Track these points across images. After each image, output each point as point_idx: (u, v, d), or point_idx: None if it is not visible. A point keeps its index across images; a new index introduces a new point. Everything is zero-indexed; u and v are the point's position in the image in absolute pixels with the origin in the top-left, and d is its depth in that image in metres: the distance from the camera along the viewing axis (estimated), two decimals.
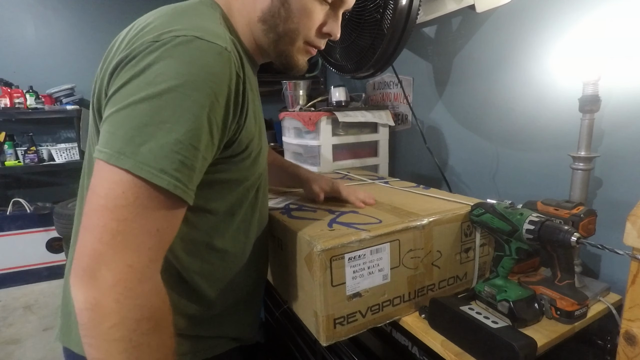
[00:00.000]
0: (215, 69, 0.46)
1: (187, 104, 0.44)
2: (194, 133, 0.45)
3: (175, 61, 0.45)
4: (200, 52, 0.46)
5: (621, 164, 0.88)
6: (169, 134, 0.43)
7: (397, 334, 0.80)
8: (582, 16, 0.92)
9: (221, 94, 0.47)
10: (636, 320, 0.49)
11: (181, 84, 0.44)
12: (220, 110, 0.48)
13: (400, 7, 0.94)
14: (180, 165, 0.44)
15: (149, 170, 0.42)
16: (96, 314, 0.41)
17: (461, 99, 1.27)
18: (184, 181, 0.45)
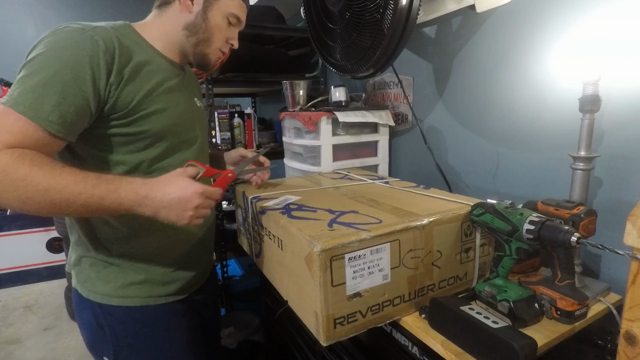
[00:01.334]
0: (74, 42, 0.65)
1: (46, 62, 0.63)
2: (47, 80, 0.62)
3: (48, 40, 0.65)
4: (65, 32, 0.66)
5: (621, 164, 0.88)
6: (30, 80, 0.62)
7: (397, 334, 0.80)
8: (583, 16, 0.92)
9: (81, 58, 0.64)
10: (636, 320, 0.49)
11: (45, 51, 0.64)
12: (81, 70, 0.64)
13: (400, 7, 0.94)
14: (32, 101, 0.61)
15: (12, 102, 0.61)
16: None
17: (461, 99, 1.27)
18: (35, 110, 0.61)
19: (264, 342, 1.65)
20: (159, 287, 0.82)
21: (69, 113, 0.64)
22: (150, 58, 0.77)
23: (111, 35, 0.69)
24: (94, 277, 0.79)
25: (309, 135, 1.42)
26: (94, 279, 0.79)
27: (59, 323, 2.32)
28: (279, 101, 2.07)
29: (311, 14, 1.30)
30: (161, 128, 0.77)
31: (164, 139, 0.78)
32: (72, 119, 0.64)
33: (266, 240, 0.91)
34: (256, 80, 1.84)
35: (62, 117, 0.63)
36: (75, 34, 0.66)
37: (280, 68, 1.89)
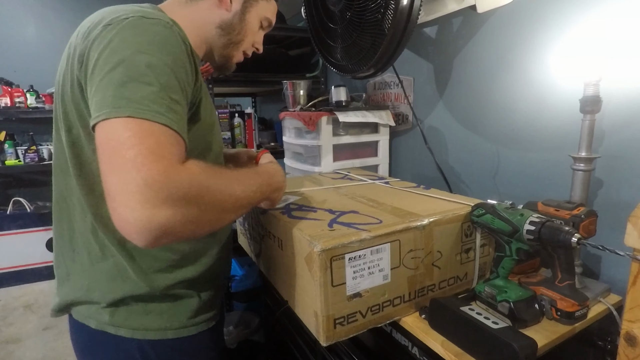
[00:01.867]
0: (166, 36, 0.55)
1: (155, 61, 0.52)
2: (169, 84, 0.52)
3: (131, 33, 0.53)
4: (150, 25, 0.55)
5: (622, 165, 0.88)
6: (150, 85, 0.50)
7: (397, 334, 0.80)
8: (583, 16, 0.92)
9: (177, 56, 0.55)
10: (637, 321, 0.49)
11: (143, 47, 0.52)
12: (181, 70, 0.56)
13: (401, 7, 0.94)
14: (167, 109, 0.50)
15: (148, 112, 0.48)
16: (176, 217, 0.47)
17: (462, 99, 1.27)
18: (176, 122, 0.51)
19: (264, 342, 1.65)
20: (207, 311, 0.76)
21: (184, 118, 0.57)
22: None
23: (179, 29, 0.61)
24: (140, 312, 0.68)
25: (309, 135, 1.42)
26: (140, 314, 0.68)
27: (59, 322, 2.32)
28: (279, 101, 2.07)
29: (312, 14, 1.30)
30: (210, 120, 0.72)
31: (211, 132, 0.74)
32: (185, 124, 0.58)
33: (266, 240, 0.91)
34: (256, 80, 1.84)
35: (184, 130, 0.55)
36: (168, 30, 0.56)
37: (280, 68, 1.89)
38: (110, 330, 0.68)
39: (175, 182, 0.47)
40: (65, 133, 0.62)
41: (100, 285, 0.67)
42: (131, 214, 0.44)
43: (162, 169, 0.46)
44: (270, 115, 2.70)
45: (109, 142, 0.47)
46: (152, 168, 0.45)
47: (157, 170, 0.45)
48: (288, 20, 2.04)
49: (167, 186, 0.46)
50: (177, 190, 0.46)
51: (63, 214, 0.69)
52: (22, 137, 2.90)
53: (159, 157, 0.46)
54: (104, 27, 0.54)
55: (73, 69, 0.57)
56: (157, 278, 0.68)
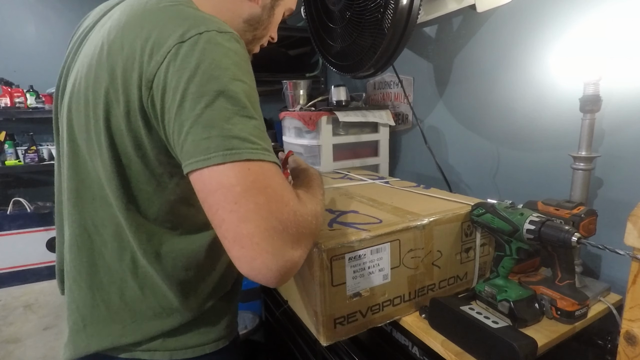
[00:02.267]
0: (243, 53, 0.50)
1: (248, 88, 0.48)
2: (260, 114, 0.49)
3: (218, 54, 0.46)
4: (229, 42, 0.48)
5: (622, 164, 0.88)
6: (251, 119, 0.46)
7: (397, 334, 0.80)
8: (583, 16, 0.92)
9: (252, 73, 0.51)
10: (637, 321, 0.49)
11: (236, 72, 0.47)
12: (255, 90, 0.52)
13: (401, 6, 0.94)
14: (267, 141, 0.48)
15: (261, 152, 0.46)
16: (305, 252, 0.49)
17: (462, 99, 1.27)
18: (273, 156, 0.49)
19: (264, 342, 1.65)
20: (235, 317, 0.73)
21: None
22: None
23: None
24: (181, 333, 0.63)
25: (309, 135, 1.42)
26: (178, 335, 0.62)
27: (59, 322, 2.32)
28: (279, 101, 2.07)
29: (311, 13, 1.30)
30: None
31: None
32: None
33: None
34: (256, 79, 1.83)
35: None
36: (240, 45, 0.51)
37: (280, 67, 1.89)
38: (145, 357, 0.61)
39: (305, 221, 0.48)
40: (111, 160, 0.53)
41: (137, 327, 0.59)
42: (273, 259, 0.44)
43: (292, 210, 0.46)
44: (270, 115, 2.70)
45: (231, 188, 0.44)
46: (285, 212, 0.45)
47: (289, 213, 0.46)
48: (288, 20, 2.04)
49: (301, 226, 0.47)
50: (306, 227, 0.48)
51: (83, 252, 0.59)
52: (22, 137, 2.89)
53: (287, 200, 0.46)
54: (179, 45, 0.46)
55: (128, 92, 0.49)
56: (207, 303, 0.64)
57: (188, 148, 0.45)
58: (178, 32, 0.46)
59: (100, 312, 0.59)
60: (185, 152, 0.45)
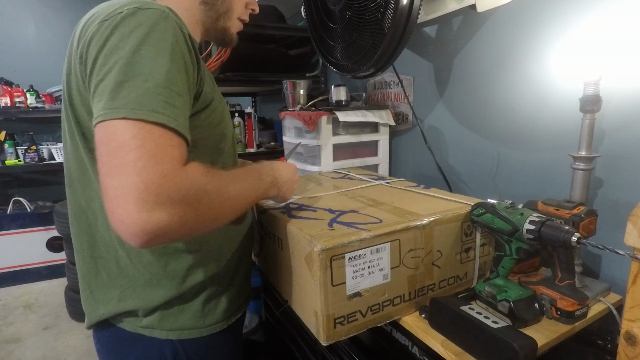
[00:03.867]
0: (162, 26, 0.53)
1: (152, 56, 0.51)
2: (167, 78, 0.51)
3: (128, 28, 0.51)
4: (146, 17, 0.53)
5: (622, 164, 0.88)
6: (146, 82, 0.49)
7: (397, 334, 0.80)
8: (583, 16, 0.92)
9: (176, 46, 0.54)
10: (637, 321, 0.49)
11: (140, 42, 0.51)
12: (180, 60, 0.54)
13: (401, 6, 0.94)
14: (165, 105, 0.50)
15: (143, 112, 0.48)
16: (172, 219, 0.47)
17: (462, 99, 1.27)
18: (173, 117, 0.50)
19: (264, 341, 1.65)
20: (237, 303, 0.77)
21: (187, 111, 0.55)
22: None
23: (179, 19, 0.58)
24: (175, 313, 0.68)
25: (309, 134, 1.42)
26: (175, 315, 0.68)
27: (59, 322, 2.32)
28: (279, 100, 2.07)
29: (311, 14, 1.30)
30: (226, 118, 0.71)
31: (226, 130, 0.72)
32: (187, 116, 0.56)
33: (266, 239, 0.91)
34: (256, 79, 1.84)
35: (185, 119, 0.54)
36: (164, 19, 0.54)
37: (280, 67, 1.88)
38: (145, 333, 0.67)
39: (175, 186, 0.47)
40: (81, 138, 0.61)
41: (133, 293, 0.66)
42: (128, 216, 0.44)
43: (162, 173, 0.46)
44: (270, 115, 2.70)
45: (108, 143, 0.47)
46: (153, 171, 0.45)
47: (158, 174, 0.46)
48: (288, 20, 2.04)
49: (167, 189, 0.46)
50: (175, 193, 0.47)
51: (82, 227, 0.66)
52: (22, 137, 2.90)
53: (160, 161, 0.47)
54: (100, 23, 0.52)
55: (77, 70, 0.56)
56: (190, 279, 0.68)
57: (94, 109, 0.51)
58: (106, 12, 0.53)
59: (102, 279, 0.67)
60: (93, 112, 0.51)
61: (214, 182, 0.53)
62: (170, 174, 0.47)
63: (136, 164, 0.45)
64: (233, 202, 0.57)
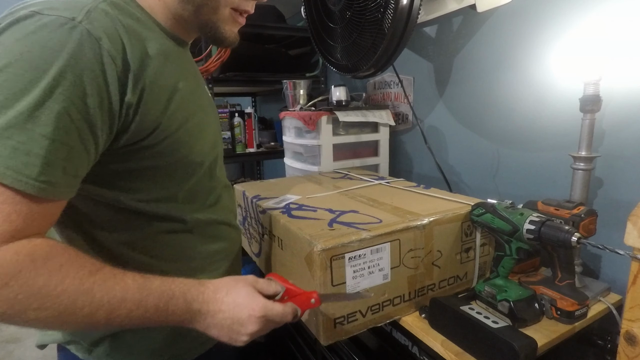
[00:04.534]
0: (55, 44, 0.40)
1: (20, 85, 0.39)
2: (30, 115, 0.39)
3: (9, 39, 0.40)
4: (37, 27, 0.40)
5: (622, 164, 0.88)
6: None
7: (397, 334, 0.80)
8: (584, 16, 0.92)
9: (69, 71, 0.41)
10: (637, 321, 0.49)
11: (12, 62, 0.39)
12: (74, 89, 0.41)
13: (401, 6, 0.94)
14: (12, 152, 0.38)
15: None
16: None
17: (462, 99, 1.27)
18: (19, 169, 0.39)
19: (264, 342, 1.65)
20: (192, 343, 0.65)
21: (69, 161, 0.43)
22: (161, 41, 0.54)
23: (114, 23, 0.46)
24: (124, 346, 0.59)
25: (309, 134, 1.42)
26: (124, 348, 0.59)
27: None
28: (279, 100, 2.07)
29: (312, 13, 1.30)
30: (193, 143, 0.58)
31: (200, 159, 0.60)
32: (74, 170, 0.44)
33: (266, 239, 0.91)
34: (256, 79, 1.84)
35: (60, 171, 0.42)
36: (61, 33, 0.41)
37: (280, 67, 1.88)
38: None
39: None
40: None
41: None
42: None
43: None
44: (270, 115, 2.70)
45: None
46: None
47: None
48: (288, 19, 2.03)
49: None
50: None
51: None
52: None
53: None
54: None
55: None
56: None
57: None
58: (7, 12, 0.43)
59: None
60: None
61: (41, 285, 0.40)
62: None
63: None
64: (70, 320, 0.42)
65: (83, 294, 0.42)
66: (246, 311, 0.50)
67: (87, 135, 0.44)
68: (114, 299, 0.44)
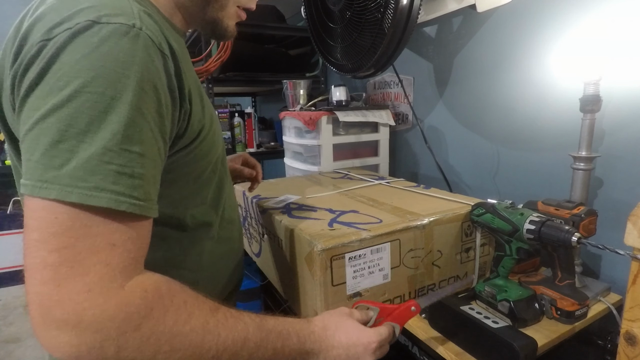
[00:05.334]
0: (124, 54, 0.38)
1: (104, 104, 0.37)
2: (124, 134, 0.37)
3: (74, 57, 0.37)
4: (101, 39, 0.37)
5: (622, 164, 0.88)
6: (92, 144, 0.36)
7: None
8: (584, 16, 0.92)
9: (144, 81, 0.39)
10: (637, 321, 0.49)
11: (88, 81, 0.36)
12: (151, 100, 0.40)
13: (401, 6, 0.94)
14: (117, 177, 0.37)
15: (80, 193, 0.35)
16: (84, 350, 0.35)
17: (462, 99, 1.27)
18: (128, 192, 0.37)
19: None
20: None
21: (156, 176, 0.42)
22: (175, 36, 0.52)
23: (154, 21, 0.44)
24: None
25: (309, 134, 1.42)
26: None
27: None
28: (279, 100, 2.07)
29: (311, 13, 1.30)
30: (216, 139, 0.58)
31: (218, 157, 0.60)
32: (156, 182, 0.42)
33: (266, 239, 0.91)
34: (256, 79, 1.84)
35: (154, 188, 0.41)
36: (129, 41, 0.39)
37: (280, 67, 1.89)
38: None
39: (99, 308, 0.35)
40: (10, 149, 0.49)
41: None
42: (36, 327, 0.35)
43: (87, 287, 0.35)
44: (270, 115, 2.70)
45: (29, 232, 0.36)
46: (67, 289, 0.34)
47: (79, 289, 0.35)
48: (288, 19, 2.03)
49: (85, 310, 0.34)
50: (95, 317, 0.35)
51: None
52: None
53: (81, 273, 0.35)
54: (42, 43, 0.37)
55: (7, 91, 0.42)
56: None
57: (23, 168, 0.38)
58: (51, 22, 0.38)
59: None
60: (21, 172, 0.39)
61: (171, 328, 0.38)
62: (98, 294, 0.35)
63: (56, 272, 0.34)
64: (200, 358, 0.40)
65: (209, 333, 0.40)
66: (361, 347, 0.52)
67: (162, 145, 0.43)
68: (238, 339, 0.42)
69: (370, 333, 0.53)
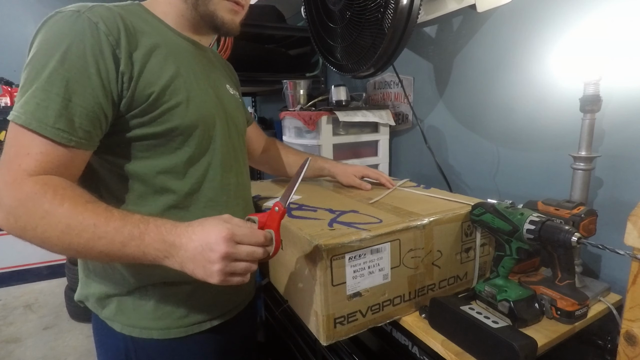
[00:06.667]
0: (65, 29, 0.56)
1: (43, 62, 0.55)
2: (47, 82, 0.54)
3: (41, 34, 0.57)
4: (55, 20, 0.57)
5: (622, 164, 0.88)
6: (29, 85, 0.54)
7: (397, 334, 0.80)
8: (584, 16, 0.92)
9: (81, 48, 0.56)
10: (637, 321, 0.49)
11: (40, 48, 0.56)
12: (78, 59, 0.55)
13: (401, 6, 0.94)
14: (35, 107, 0.53)
15: (15, 115, 0.53)
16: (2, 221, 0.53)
17: (462, 99, 1.27)
18: (39, 117, 0.53)
19: (264, 341, 1.65)
20: (202, 313, 0.71)
21: (79, 117, 0.55)
22: (165, 38, 0.66)
23: (113, 15, 0.60)
24: (129, 309, 0.68)
25: (309, 134, 1.42)
26: (129, 310, 0.68)
27: (59, 322, 2.32)
28: (279, 100, 2.07)
29: (311, 13, 1.30)
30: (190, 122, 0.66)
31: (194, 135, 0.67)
32: (83, 124, 0.56)
33: None
34: (256, 79, 1.84)
35: (70, 123, 0.55)
36: (70, 20, 0.56)
37: (280, 67, 1.88)
38: (108, 323, 0.71)
39: (8, 194, 0.52)
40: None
41: (91, 282, 0.71)
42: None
43: (5, 179, 0.53)
44: (270, 115, 2.70)
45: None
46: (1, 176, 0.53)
47: (2, 180, 0.53)
48: (288, 19, 2.03)
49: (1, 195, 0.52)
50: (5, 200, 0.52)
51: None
52: None
53: (8, 169, 0.53)
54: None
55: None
56: (138, 279, 0.67)
57: None
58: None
59: (81, 264, 0.74)
60: None
61: (47, 208, 0.51)
62: (10, 183, 0.52)
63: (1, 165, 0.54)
64: (61, 238, 0.52)
65: (77, 215, 0.52)
66: (213, 234, 0.52)
67: (91, 96, 0.56)
68: (100, 223, 0.52)
69: (225, 224, 0.53)
